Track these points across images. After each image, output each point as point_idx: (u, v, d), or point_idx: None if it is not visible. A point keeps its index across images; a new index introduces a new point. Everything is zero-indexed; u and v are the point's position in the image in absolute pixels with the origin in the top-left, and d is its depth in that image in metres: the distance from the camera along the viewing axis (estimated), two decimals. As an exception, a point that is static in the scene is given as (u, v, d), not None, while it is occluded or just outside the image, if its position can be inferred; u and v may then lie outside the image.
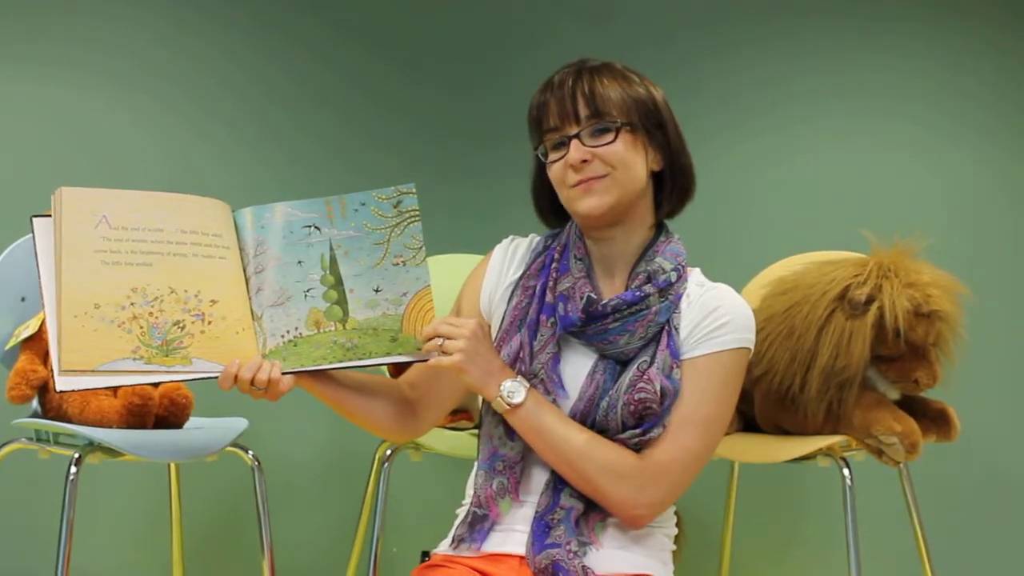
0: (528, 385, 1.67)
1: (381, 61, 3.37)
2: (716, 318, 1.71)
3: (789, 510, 3.31)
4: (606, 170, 1.70)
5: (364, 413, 1.75)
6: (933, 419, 2.46)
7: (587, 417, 1.68)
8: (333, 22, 3.36)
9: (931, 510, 2.75)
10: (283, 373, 1.64)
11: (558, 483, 1.69)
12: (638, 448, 1.67)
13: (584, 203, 1.72)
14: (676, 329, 1.71)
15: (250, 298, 1.67)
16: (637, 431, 1.66)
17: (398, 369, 2.45)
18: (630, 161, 1.71)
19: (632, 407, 1.66)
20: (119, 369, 1.56)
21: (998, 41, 3.39)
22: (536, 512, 1.69)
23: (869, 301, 2.34)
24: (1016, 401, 3.31)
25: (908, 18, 3.40)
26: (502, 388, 1.66)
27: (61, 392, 1.83)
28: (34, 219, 1.62)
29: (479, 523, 1.72)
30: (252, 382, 1.61)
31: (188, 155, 3.22)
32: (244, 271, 1.68)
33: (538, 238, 1.85)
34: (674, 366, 1.69)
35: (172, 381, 1.81)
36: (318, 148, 3.33)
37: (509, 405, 1.66)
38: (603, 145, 1.70)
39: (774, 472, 2.89)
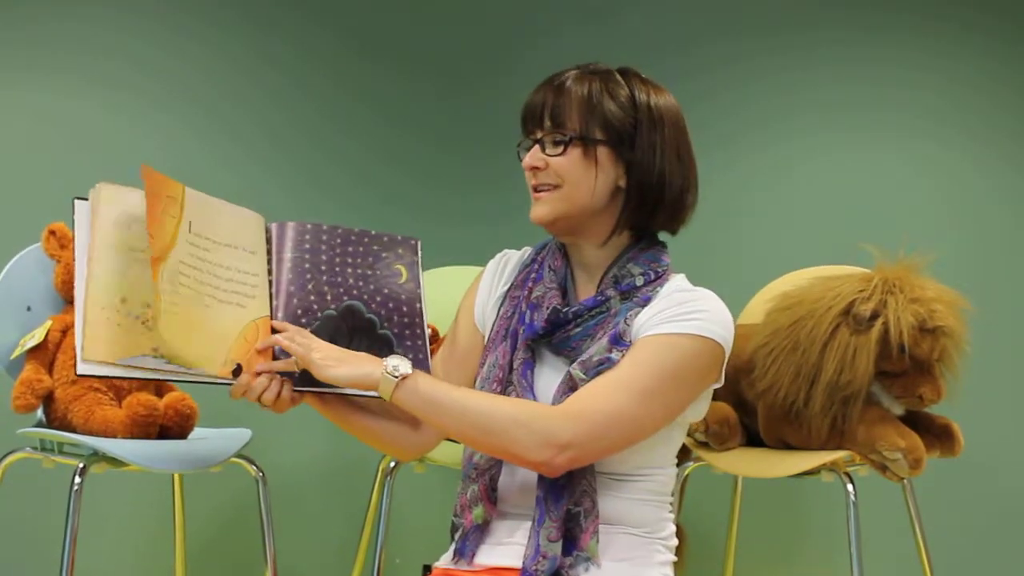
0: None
1: (382, 66, 3.37)
2: (684, 307, 1.66)
3: (792, 525, 3.30)
4: (557, 181, 1.71)
5: (369, 431, 1.76)
6: (937, 435, 2.46)
7: None
8: (333, 27, 3.36)
9: (935, 526, 2.75)
10: (294, 390, 1.64)
11: (538, 523, 1.67)
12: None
13: (533, 211, 1.74)
14: (627, 321, 1.67)
15: (272, 311, 1.68)
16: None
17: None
18: (577, 176, 1.70)
19: (565, 390, 1.65)
20: (139, 365, 1.57)
21: (1002, 53, 3.39)
22: (523, 562, 1.67)
23: (874, 316, 2.34)
24: (1020, 417, 3.30)
25: (912, 31, 3.40)
26: (386, 364, 1.59)
27: (81, 376, 1.83)
28: (76, 201, 1.61)
29: (456, 531, 1.73)
30: (259, 397, 1.63)
31: (189, 159, 3.22)
32: (270, 287, 1.70)
33: (530, 249, 1.85)
34: (613, 349, 1.65)
35: (188, 382, 1.82)
36: (317, 152, 3.33)
37: (396, 377, 1.58)
38: (555, 156, 1.71)
39: (778, 487, 2.89)
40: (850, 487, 2.38)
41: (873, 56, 3.40)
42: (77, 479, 2.28)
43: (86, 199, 1.62)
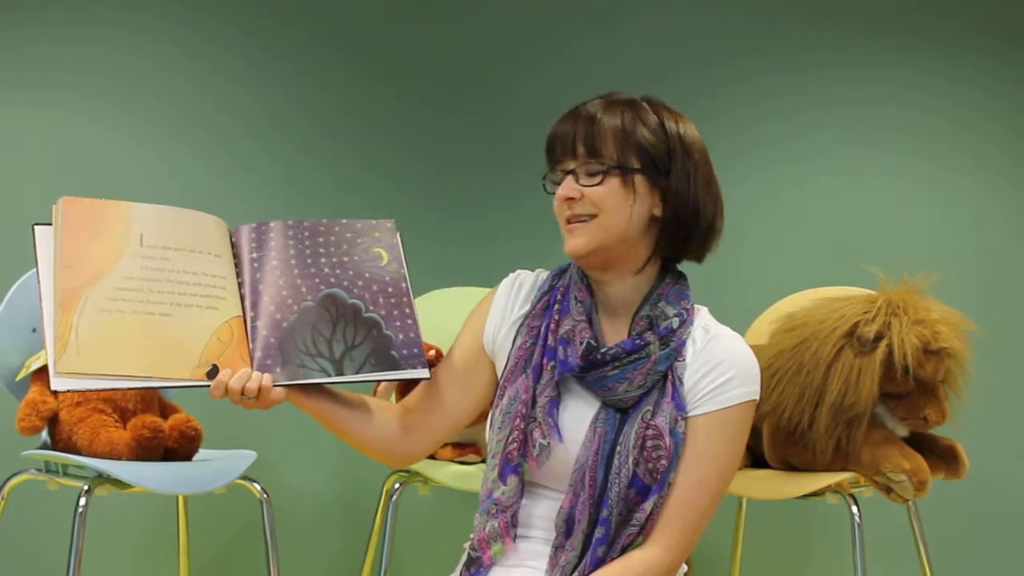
0: None
1: (381, 85, 3.37)
2: (720, 373, 1.69)
3: (797, 547, 3.29)
4: (593, 211, 1.69)
5: (355, 431, 1.74)
6: (942, 456, 2.46)
7: (595, 469, 1.67)
8: (332, 45, 3.36)
9: (939, 547, 2.74)
10: (275, 385, 1.63)
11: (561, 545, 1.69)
12: (651, 512, 1.67)
13: (568, 243, 1.72)
14: (680, 380, 1.69)
15: (244, 312, 1.68)
16: (653, 496, 1.66)
17: (403, 391, 2.46)
18: (615, 206, 1.69)
19: (643, 464, 1.65)
20: (114, 373, 1.57)
21: (998, 71, 3.41)
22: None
23: (878, 338, 2.34)
24: (1025, 438, 3.30)
25: (912, 53, 3.42)
26: None
27: (56, 392, 1.83)
28: (36, 227, 1.66)
29: (473, 565, 1.72)
30: (242, 391, 1.61)
31: (190, 176, 3.23)
32: (240, 288, 1.70)
33: (545, 274, 1.82)
34: (679, 418, 1.67)
35: (164, 387, 1.83)
36: (317, 172, 3.32)
37: None
38: (592, 186, 1.69)
39: (782, 508, 2.88)
40: (855, 509, 2.38)
41: (873, 77, 3.41)
42: (82, 501, 2.28)
43: (46, 224, 1.65)
